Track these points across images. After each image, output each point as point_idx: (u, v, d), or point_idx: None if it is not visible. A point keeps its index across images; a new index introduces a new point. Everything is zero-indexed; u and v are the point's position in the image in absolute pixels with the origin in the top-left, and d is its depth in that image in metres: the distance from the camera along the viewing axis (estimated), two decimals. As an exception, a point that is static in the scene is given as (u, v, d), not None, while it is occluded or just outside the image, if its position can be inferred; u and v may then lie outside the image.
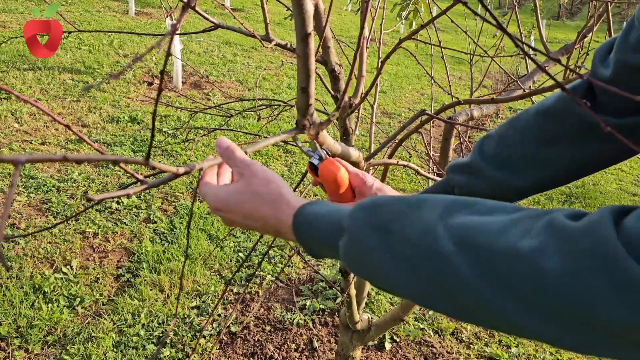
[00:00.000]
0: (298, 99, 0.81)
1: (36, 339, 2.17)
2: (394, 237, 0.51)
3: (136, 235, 2.96)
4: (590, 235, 0.41)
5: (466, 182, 0.85)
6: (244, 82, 6.18)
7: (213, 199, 0.69)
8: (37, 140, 3.88)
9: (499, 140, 0.81)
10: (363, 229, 0.54)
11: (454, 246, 0.47)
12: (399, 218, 0.52)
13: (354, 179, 0.88)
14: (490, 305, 0.45)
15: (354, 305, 1.75)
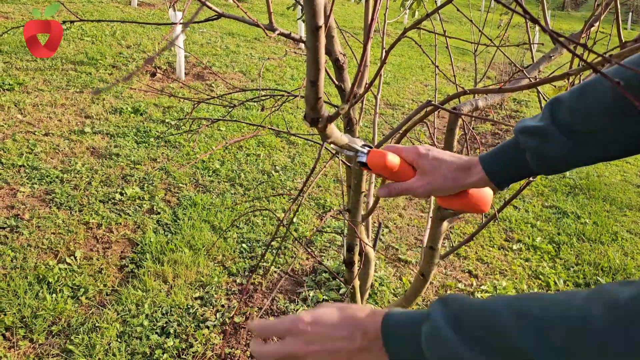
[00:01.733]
0: (307, 93, 0.80)
1: (40, 329, 2.18)
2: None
3: (139, 226, 2.97)
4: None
5: (538, 146, 0.80)
6: (247, 73, 6.16)
7: (298, 319, 0.66)
8: (41, 131, 3.88)
9: (572, 109, 0.78)
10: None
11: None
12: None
13: (406, 155, 0.89)
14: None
15: (358, 297, 1.75)
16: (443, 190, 0.87)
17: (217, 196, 3.40)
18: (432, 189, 0.87)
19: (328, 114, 0.87)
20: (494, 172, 0.85)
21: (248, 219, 3.18)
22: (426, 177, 0.87)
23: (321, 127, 0.89)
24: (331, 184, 3.82)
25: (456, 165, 0.87)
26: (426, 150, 0.88)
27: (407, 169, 0.89)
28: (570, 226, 3.70)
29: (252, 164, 3.94)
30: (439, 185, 0.86)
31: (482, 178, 0.85)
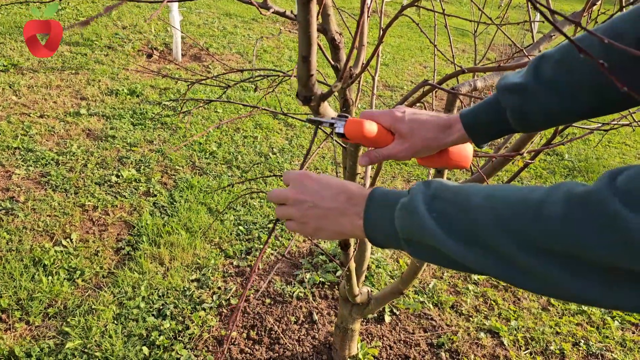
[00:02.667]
0: (299, 69, 0.78)
1: (37, 311, 2.18)
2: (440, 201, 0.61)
3: (136, 209, 2.95)
4: (590, 191, 0.50)
5: (519, 104, 0.81)
6: (245, 54, 6.10)
7: (304, 174, 0.77)
8: (36, 113, 3.85)
9: (558, 64, 0.78)
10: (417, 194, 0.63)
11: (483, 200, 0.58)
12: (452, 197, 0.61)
13: (383, 120, 0.89)
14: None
15: (354, 279, 1.75)
16: (424, 151, 0.89)
17: (214, 178, 3.38)
18: (413, 152, 0.89)
19: (321, 92, 0.85)
20: (474, 130, 0.86)
21: (245, 202, 3.17)
22: (406, 140, 0.88)
23: (314, 106, 0.87)
24: (329, 166, 3.81)
25: (435, 124, 0.88)
26: (402, 114, 0.88)
27: (385, 135, 0.89)
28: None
29: (249, 146, 3.91)
30: (420, 147, 0.88)
31: (462, 135, 0.87)
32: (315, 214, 0.73)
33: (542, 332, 2.41)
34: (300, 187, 0.75)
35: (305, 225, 0.75)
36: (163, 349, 2.08)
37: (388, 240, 0.67)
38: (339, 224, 0.72)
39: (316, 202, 0.73)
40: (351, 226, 0.71)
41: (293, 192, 0.75)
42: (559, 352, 2.32)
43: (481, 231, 0.56)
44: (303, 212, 0.74)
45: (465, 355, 2.23)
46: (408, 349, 2.23)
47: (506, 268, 0.55)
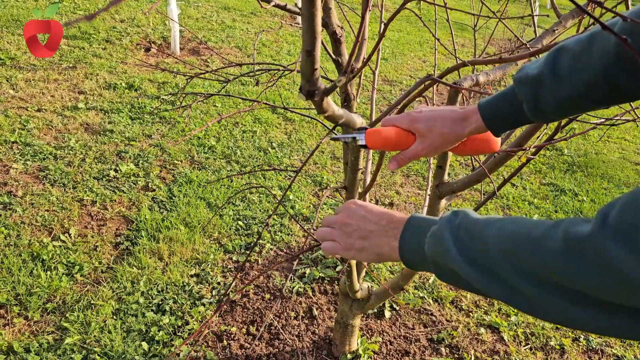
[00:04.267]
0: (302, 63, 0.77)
1: (35, 306, 2.17)
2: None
3: (134, 204, 2.94)
4: (585, 232, 0.53)
5: (534, 95, 0.84)
6: (243, 48, 6.07)
7: (355, 203, 0.84)
8: (33, 107, 3.82)
9: (574, 60, 0.80)
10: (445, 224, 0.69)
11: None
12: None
13: (402, 123, 0.94)
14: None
15: (354, 275, 1.74)
16: (445, 145, 0.93)
17: (213, 173, 3.37)
18: (434, 148, 0.92)
19: (325, 87, 0.84)
20: (492, 120, 0.90)
21: (244, 196, 3.16)
22: (425, 139, 0.92)
23: (317, 100, 0.86)
24: (328, 161, 3.79)
25: (451, 118, 0.91)
26: (418, 113, 0.93)
27: (406, 137, 0.93)
28: (568, 204, 3.69)
29: (248, 140, 3.89)
30: (439, 143, 0.92)
31: (479, 126, 0.90)
32: (358, 235, 0.80)
33: (542, 328, 2.41)
34: (347, 211, 0.83)
35: (348, 246, 0.81)
36: (163, 344, 2.07)
37: (419, 262, 0.72)
38: (378, 244, 0.77)
39: (361, 225, 0.80)
40: (389, 247, 0.76)
41: (342, 216, 0.83)
42: (559, 347, 2.32)
43: (491, 260, 0.61)
44: (348, 233, 0.81)
45: (465, 351, 2.23)
46: (408, 345, 2.23)
47: (512, 294, 0.60)
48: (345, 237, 0.81)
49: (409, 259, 0.74)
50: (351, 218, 0.81)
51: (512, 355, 2.24)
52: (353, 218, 0.81)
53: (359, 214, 0.81)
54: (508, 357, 2.23)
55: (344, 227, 0.81)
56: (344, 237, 0.81)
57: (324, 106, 0.88)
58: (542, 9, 12.07)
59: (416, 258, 0.72)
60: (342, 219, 0.82)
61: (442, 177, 1.65)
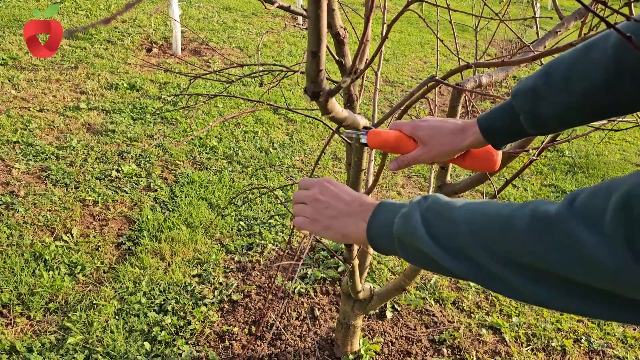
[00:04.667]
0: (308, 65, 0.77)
1: (38, 306, 2.17)
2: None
3: (136, 204, 2.94)
4: (552, 210, 0.55)
5: (531, 108, 0.85)
6: (245, 48, 6.08)
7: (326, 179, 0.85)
8: (35, 107, 3.83)
9: (569, 68, 0.81)
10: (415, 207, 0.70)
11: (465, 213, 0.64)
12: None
13: (406, 129, 0.98)
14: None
15: (357, 275, 1.74)
16: (442, 154, 0.95)
17: (215, 173, 3.37)
18: (433, 156, 0.96)
19: (329, 88, 0.85)
20: (489, 132, 0.91)
21: (245, 197, 3.16)
22: (425, 146, 0.96)
23: (322, 102, 0.86)
24: (329, 162, 3.80)
25: (450, 129, 0.94)
26: (423, 122, 0.96)
27: (407, 142, 0.97)
28: (569, 205, 3.69)
29: (250, 141, 3.90)
30: (437, 151, 0.95)
31: (477, 139, 0.92)
32: (327, 213, 0.80)
33: (543, 329, 2.41)
34: (321, 188, 0.83)
35: (316, 222, 0.81)
36: (165, 344, 2.08)
37: (384, 241, 0.73)
38: (345, 225, 0.78)
39: (332, 203, 0.80)
40: (355, 228, 0.77)
41: (314, 192, 0.83)
42: (560, 348, 2.32)
43: (460, 240, 0.62)
44: (317, 210, 0.81)
45: (467, 352, 2.23)
46: (410, 345, 2.23)
47: (481, 274, 0.61)
48: (314, 212, 0.82)
49: (374, 239, 0.74)
50: (323, 194, 0.82)
51: (513, 357, 2.24)
52: (325, 195, 0.82)
53: (331, 191, 0.82)
54: (510, 358, 2.23)
55: (314, 202, 0.82)
56: (312, 213, 0.82)
57: (329, 107, 0.89)
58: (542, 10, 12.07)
59: (382, 239, 0.73)
60: (314, 195, 0.83)
61: (445, 178, 1.66)
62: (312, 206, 0.82)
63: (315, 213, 0.81)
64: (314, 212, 0.81)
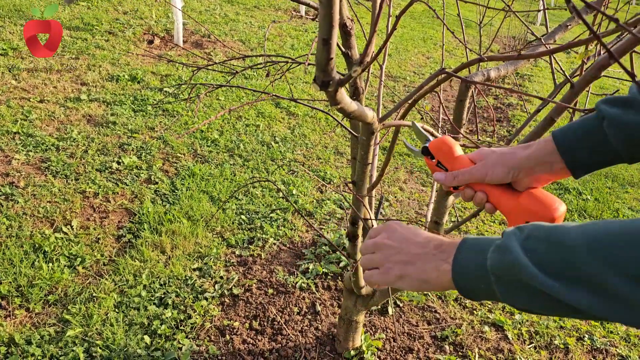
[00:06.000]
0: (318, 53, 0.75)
1: (37, 298, 2.16)
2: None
3: (137, 196, 2.92)
4: None
5: (619, 114, 0.74)
6: (247, 41, 6.04)
7: (395, 222, 0.78)
8: (36, 98, 3.80)
9: None
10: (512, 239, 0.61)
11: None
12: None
13: (471, 155, 0.89)
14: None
15: (360, 271, 1.72)
16: (495, 167, 0.83)
17: (216, 167, 3.35)
18: (486, 169, 0.84)
19: (339, 77, 0.82)
20: (565, 144, 0.78)
21: (247, 190, 3.14)
22: (482, 160, 0.85)
23: (331, 91, 0.83)
24: (331, 156, 3.77)
25: (514, 147, 0.83)
26: (489, 149, 0.87)
27: (463, 158, 0.88)
28: (572, 202, 3.67)
29: (252, 134, 3.87)
30: (494, 159, 0.83)
31: (541, 149, 0.80)
32: (399, 259, 0.72)
33: (546, 327, 2.40)
34: (388, 232, 0.76)
35: (388, 271, 0.73)
36: (165, 338, 2.06)
37: (477, 281, 0.63)
38: (424, 270, 0.69)
39: (403, 247, 0.73)
40: (436, 272, 0.68)
41: (382, 237, 0.76)
42: (563, 346, 2.31)
43: (578, 265, 0.53)
44: (388, 257, 0.74)
45: (469, 349, 2.21)
46: (412, 342, 2.21)
47: (609, 300, 0.52)
48: (384, 260, 0.74)
49: (463, 282, 0.65)
50: (392, 239, 0.74)
51: (516, 354, 2.22)
52: (394, 239, 0.74)
53: (400, 234, 0.74)
54: (512, 355, 2.22)
55: (383, 249, 0.74)
56: (383, 260, 0.74)
57: (338, 98, 0.86)
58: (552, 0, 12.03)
59: (473, 279, 0.64)
60: (382, 240, 0.75)
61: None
62: (382, 253, 0.74)
63: (385, 261, 0.74)
64: (384, 260, 0.74)
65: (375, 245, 0.76)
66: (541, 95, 6.01)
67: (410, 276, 0.71)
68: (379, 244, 0.75)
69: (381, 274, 0.74)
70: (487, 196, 0.84)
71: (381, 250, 0.75)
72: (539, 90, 6.19)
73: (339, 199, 3.22)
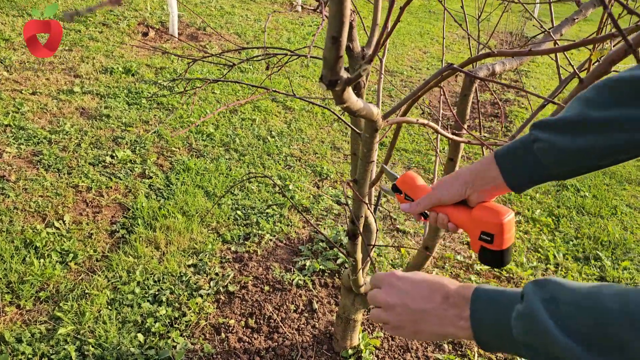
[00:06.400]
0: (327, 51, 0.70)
1: (28, 295, 2.11)
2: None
3: (131, 191, 2.87)
4: None
5: (549, 137, 0.77)
6: (243, 34, 5.98)
7: (390, 274, 0.76)
8: (28, 90, 3.73)
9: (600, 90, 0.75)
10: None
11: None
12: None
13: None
14: None
15: (359, 269, 1.68)
16: (448, 188, 0.88)
17: (211, 161, 3.30)
18: (440, 190, 0.89)
19: (347, 76, 0.78)
20: (504, 164, 0.82)
21: (243, 186, 3.09)
22: (438, 185, 0.91)
23: (338, 91, 0.79)
24: (328, 151, 3.73)
25: (464, 166, 0.90)
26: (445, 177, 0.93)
27: (428, 189, 0.96)
28: (570, 199, 3.65)
29: (247, 128, 3.82)
30: (444, 183, 0.89)
31: (487, 168, 0.84)
32: (409, 317, 0.71)
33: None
34: (388, 289, 0.74)
35: (402, 329, 0.73)
36: (159, 336, 2.02)
37: (504, 346, 0.62)
38: (438, 326, 0.69)
39: (407, 304, 0.71)
40: (454, 328, 0.67)
41: (383, 295, 0.74)
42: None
43: (621, 335, 0.51)
44: (396, 316, 0.72)
45: (468, 348, 2.19)
46: (410, 341, 2.18)
47: None
48: (393, 319, 0.73)
49: (488, 342, 0.64)
50: (392, 297, 0.73)
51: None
52: (394, 297, 0.73)
53: (400, 290, 0.72)
54: (511, 354, 2.19)
55: (389, 308, 0.73)
56: (392, 320, 0.73)
57: (345, 97, 0.82)
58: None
59: (499, 341, 0.62)
60: (385, 299, 0.74)
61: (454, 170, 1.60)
62: (388, 312, 0.73)
63: (394, 320, 0.73)
64: (393, 320, 0.73)
65: (380, 304, 0.75)
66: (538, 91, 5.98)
67: (425, 332, 0.70)
68: (382, 303, 0.74)
69: (395, 330, 0.74)
70: (448, 216, 0.90)
71: (387, 309, 0.74)
72: (536, 86, 6.16)
73: (335, 194, 3.18)
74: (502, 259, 0.85)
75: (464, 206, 0.88)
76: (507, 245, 0.84)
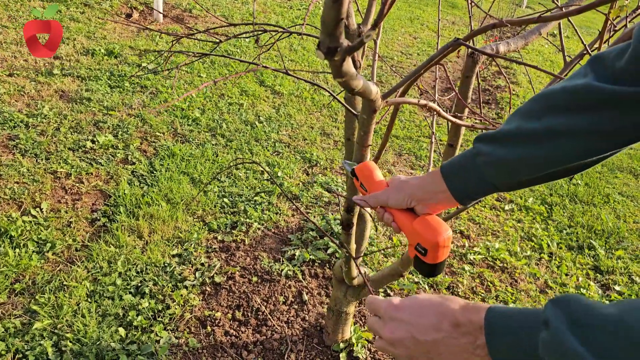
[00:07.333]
0: (326, 11, 0.60)
1: (2, 287, 2.00)
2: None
3: (113, 177, 2.75)
4: None
5: (489, 150, 0.78)
6: (230, 17, 5.82)
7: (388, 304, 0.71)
8: (4, 72, 3.57)
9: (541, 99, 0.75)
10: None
11: None
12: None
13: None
14: None
15: (353, 260, 1.60)
16: (396, 194, 0.89)
17: (197, 147, 3.19)
18: (389, 193, 0.91)
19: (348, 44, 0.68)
20: (450, 177, 0.83)
21: (230, 172, 2.99)
22: (388, 187, 0.93)
23: (338, 60, 0.70)
24: (318, 137, 3.63)
25: (413, 176, 0.90)
26: (400, 176, 0.94)
27: (382, 184, 0.96)
28: (563, 187, 3.60)
29: (235, 113, 3.71)
30: (396, 181, 0.91)
31: (432, 181, 0.85)
32: (420, 350, 0.66)
33: (540, 316, 2.31)
34: (390, 323, 0.69)
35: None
36: (141, 330, 1.92)
37: None
38: (453, 354, 0.64)
39: (415, 336, 0.66)
40: (470, 355, 0.63)
41: (387, 332, 0.69)
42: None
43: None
44: (405, 350, 0.68)
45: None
46: (403, 333, 2.11)
47: None
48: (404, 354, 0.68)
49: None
50: (397, 331, 0.68)
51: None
52: (400, 331, 0.68)
53: (404, 322, 0.68)
54: None
55: (396, 344, 0.68)
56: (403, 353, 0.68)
57: (344, 69, 0.72)
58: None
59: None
60: (389, 335, 0.69)
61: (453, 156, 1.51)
62: (396, 348, 0.68)
63: (404, 354, 0.68)
64: (402, 353, 0.68)
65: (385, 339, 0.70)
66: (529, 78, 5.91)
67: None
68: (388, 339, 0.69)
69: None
70: (393, 217, 0.91)
71: (393, 346, 0.69)
72: (525, 73, 6.09)
73: (326, 181, 3.09)
74: (433, 271, 0.86)
75: (410, 213, 0.90)
76: (440, 260, 0.85)
